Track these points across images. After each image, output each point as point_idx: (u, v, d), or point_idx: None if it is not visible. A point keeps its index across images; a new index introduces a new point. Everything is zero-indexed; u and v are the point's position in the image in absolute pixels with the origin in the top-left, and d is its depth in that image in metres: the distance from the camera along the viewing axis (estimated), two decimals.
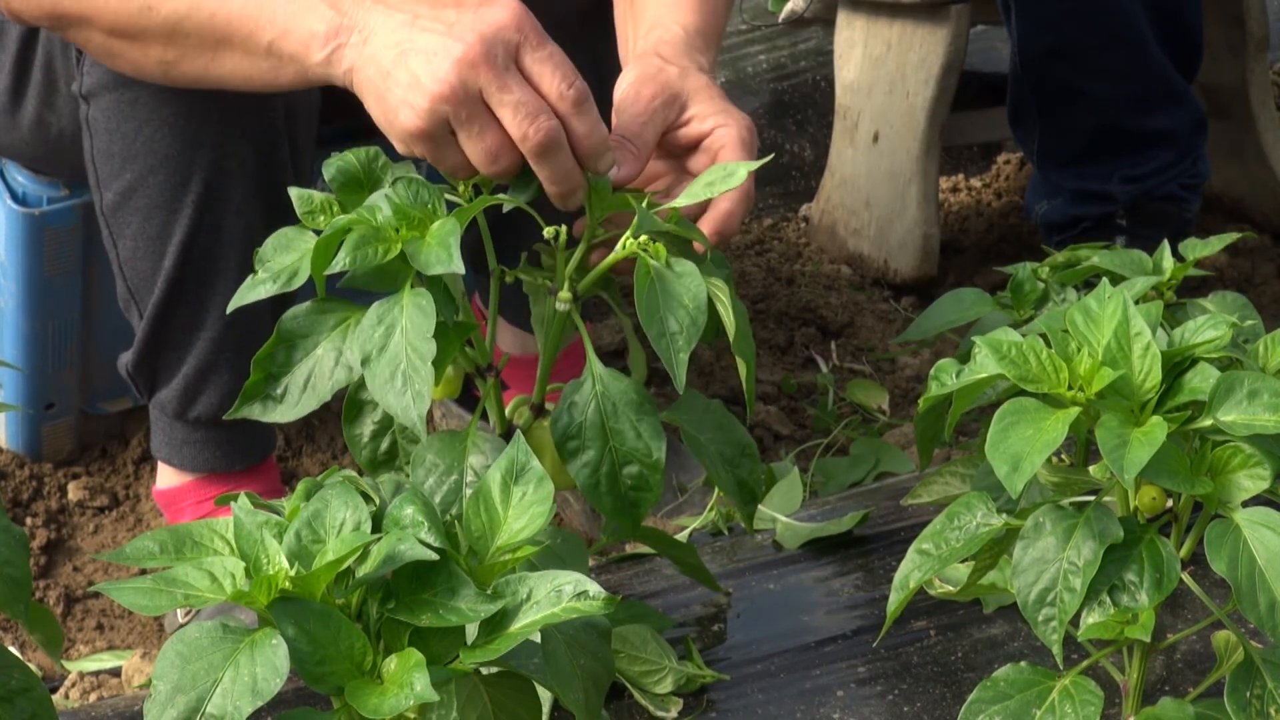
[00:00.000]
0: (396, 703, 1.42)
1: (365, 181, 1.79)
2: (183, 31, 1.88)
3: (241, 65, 1.87)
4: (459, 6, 1.75)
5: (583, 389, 1.78)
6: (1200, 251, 2.15)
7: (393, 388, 1.67)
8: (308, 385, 1.76)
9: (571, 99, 1.76)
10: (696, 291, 1.73)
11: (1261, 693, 1.66)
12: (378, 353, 1.68)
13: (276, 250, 1.77)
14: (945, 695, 2.01)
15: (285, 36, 1.81)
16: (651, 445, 1.78)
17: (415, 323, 1.68)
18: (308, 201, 1.79)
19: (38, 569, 2.54)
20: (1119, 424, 1.60)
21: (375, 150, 1.81)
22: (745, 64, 3.89)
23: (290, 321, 1.77)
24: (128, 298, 2.25)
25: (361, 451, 1.83)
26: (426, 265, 1.68)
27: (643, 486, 1.79)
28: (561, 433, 1.78)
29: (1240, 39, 3.22)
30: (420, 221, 1.72)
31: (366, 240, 1.70)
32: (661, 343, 1.72)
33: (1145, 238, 2.88)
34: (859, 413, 2.85)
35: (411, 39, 1.74)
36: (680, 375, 1.71)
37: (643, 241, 1.75)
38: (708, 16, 2.01)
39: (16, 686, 1.50)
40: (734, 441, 1.92)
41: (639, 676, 2.00)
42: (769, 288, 3.17)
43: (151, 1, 1.87)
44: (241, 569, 1.50)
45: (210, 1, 1.84)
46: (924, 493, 2.12)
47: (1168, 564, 1.62)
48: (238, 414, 1.77)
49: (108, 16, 1.91)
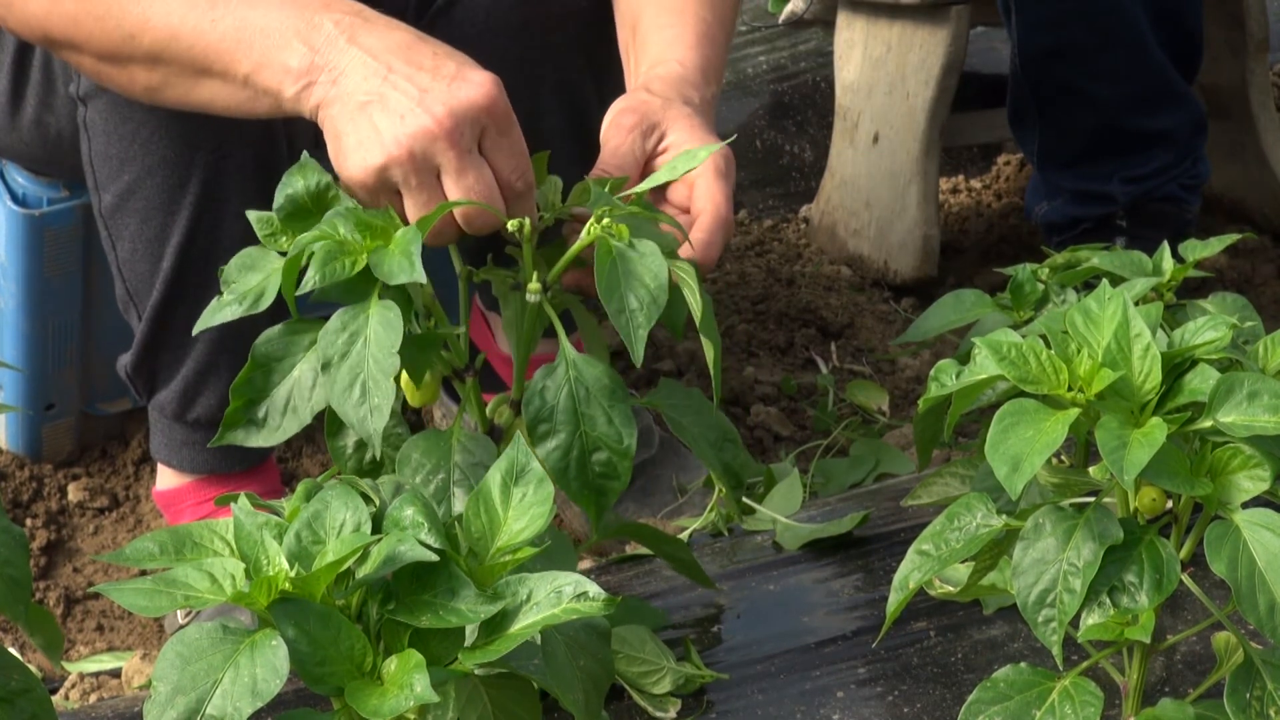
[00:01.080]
0: (396, 704, 1.42)
1: (314, 210, 1.78)
2: (165, 60, 1.89)
3: (221, 93, 1.87)
4: (436, 71, 1.76)
5: (555, 373, 1.78)
6: (1200, 252, 2.15)
7: (350, 398, 1.67)
8: (288, 408, 1.76)
9: (518, 190, 1.78)
10: (658, 270, 1.74)
11: (1261, 694, 1.66)
12: (339, 359, 1.68)
13: (241, 270, 1.77)
14: (945, 696, 2.01)
15: (261, 70, 1.82)
16: (623, 432, 1.78)
17: (380, 335, 1.67)
18: (268, 224, 1.79)
19: (38, 570, 2.54)
20: (1119, 425, 1.60)
21: (327, 181, 1.80)
22: (745, 65, 3.89)
23: (265, 345, 1.76)
24: (126, 299, 2.25)
25: (346, 463, 1.83)
26: (390, 275, 1.68)
27: (611, 474, 1.78)
28: (533, 416, 1.77)
29: (1240, 40, 3.22)
30: (383, 230, 1.72)
31: (333, 255, 1.69)
32: (621, 319, 1.72)
33: (1145, 239, 2.88)
34: (859, 414, 2.85)
35: (383, 94, 1.75)
36: (638, 350, 1.71)
37: (605, 224, 1.75)
38: (707, 52, 2.01)
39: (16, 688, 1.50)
40: (715, 426, 1.93)
41: (638, 677, 2.00)
42: (769, 289, 3.17)
43: (134, 30, 1.88)
44: (241, 570, 1.50)
45: (191, 33, 1.85)
46: (924, 494, 2.12)
47: (1167, 565, 1.62)
48: (221, 442, 1.77)
49: (94, 43, 1.93)
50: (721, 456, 1.92)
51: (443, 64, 1.77)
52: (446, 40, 2.28)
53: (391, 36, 1.79)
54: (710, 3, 2.03)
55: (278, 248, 1.78)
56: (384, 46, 1.77)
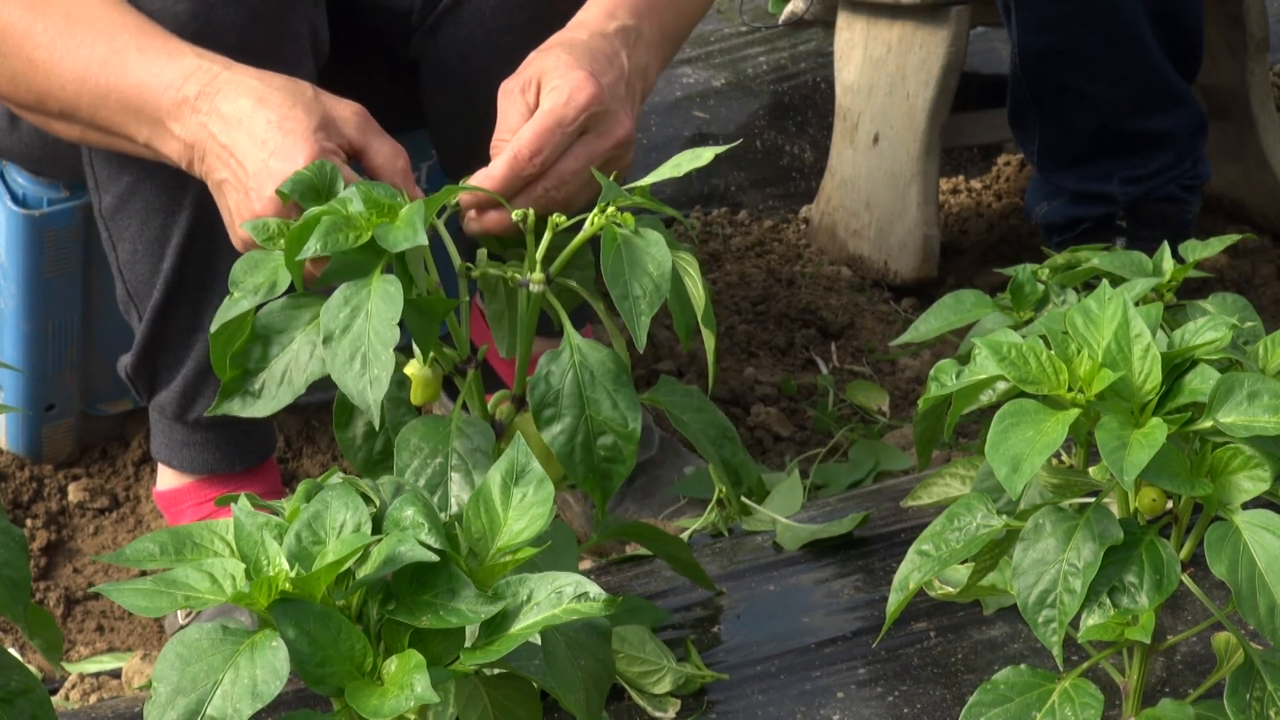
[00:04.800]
0: (397, 704, 1.42)
1: (323, 191, 1.80)
2: (77, 120, 1.99)
3: (137, 149, 1.98)
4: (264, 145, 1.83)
5: (561, 358, 1.79)
6: (1200, 253, 2.15)
7: (351, 370, 1.68)
8: (284, 379, 1.77)
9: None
10: (661, 259, 1.76)
11: (1261, 694, 1.66)
12: (340, 332, 1.69)
13: (247, 272, 1.79)
14: (945, 697, 2.01)
15: (154, 141, 1.93)
16: (628, 415, 1.79)
17: (380, 308, 1.69)
18: (264, 230, 1.80)
19: (38, 570, 2.54)
20: (1119, 425, 1.60)
21: (332, 166, 1.81)
22: (745, 65, 3.89)
23: (266, 317, 1.77)
24: (127, 300, 2.25)
25: (356, 454, 1.83)
26: (394, 243, 1.70)
27: (616, 458, 1.79)
28: (539, 400, 1.78)
29: (1240, 40, 3.22)
30: (390, 209, 1.74)
31: (338, 226, 1.72)
32: (624, 305, 1.74)
33: (1145, 239, 2.88)
34: (859, 414, 2.85)
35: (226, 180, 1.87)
36: (641, 336, 1.74)
37: (610, 214, 1.76)
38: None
39: (16, 688, 1.50)
40: (715, 423, 1.95)
41: (638, 677, 2.00)
42: (769, 289, 3.17)
43: (42, 93, 1.99)
44: (242, 570, 1.50)
45: (88, 104, 1.95)
46: (924, 494, 2.12)
47: (1168, 566, 1.62)
48: (217, 411, 1.78)
49: (16, 100, 2.04)
50: (721, 453, 1.93)
51: (271, 136, 1.83)
52: (450, 41, 2.30)
53: (239, 105, 1.86)
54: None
55: (278, 248, 1.78)
56: (234, 119, 1.86)
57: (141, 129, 1.93)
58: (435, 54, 2.34)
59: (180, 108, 1.89)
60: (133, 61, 1.92)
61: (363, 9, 2.33)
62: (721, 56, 3.90)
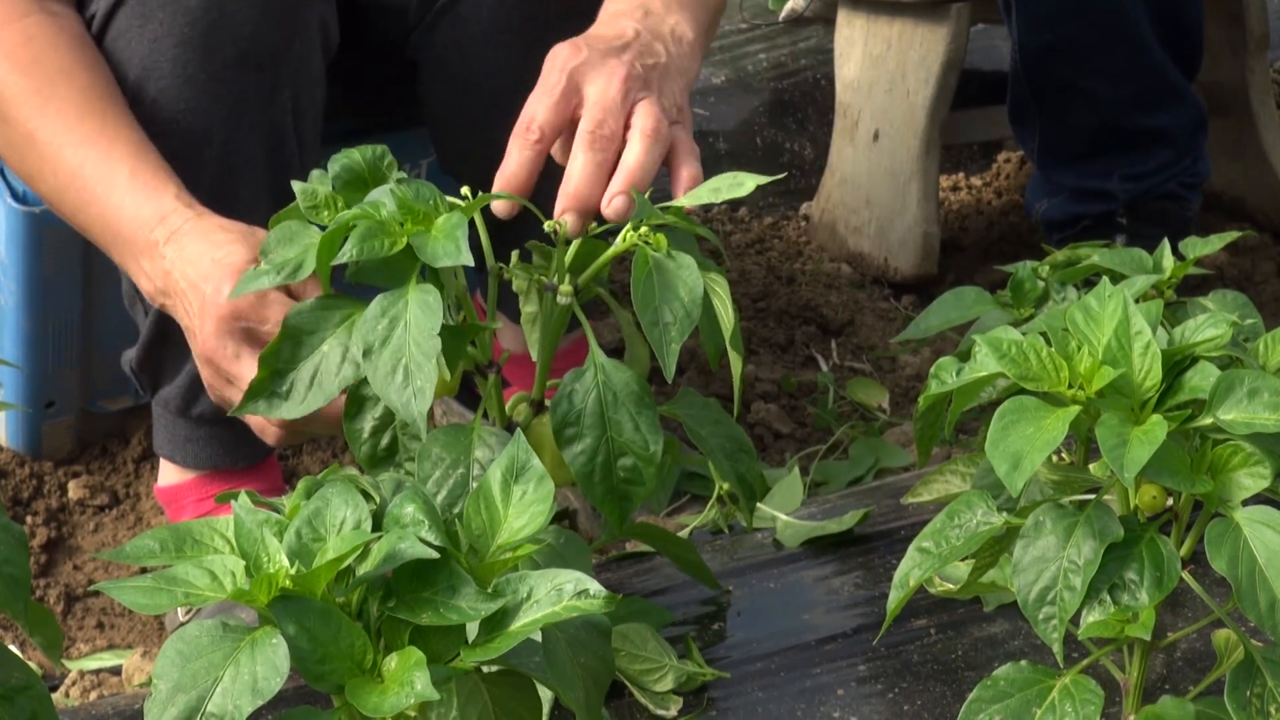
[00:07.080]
0: (397, 701, 1.42)
1: (370, 180, 1.79)
2: (60, 213, 2.06)
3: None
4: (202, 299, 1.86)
5: (584, 377, 1.78)
6: (1200, 250, 2.15)
7: (393, 382, 1.67)
8: (314, 382, 1.75)
9: None
10: (693, 285, 1.74)
11: (1262, 691, 1.66)
12: (380, 345, 1.68)
13: (280, 243, 1.77)
14: (945, 693, 2.01)
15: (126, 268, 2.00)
16: (649, 439, 1.78)
17: (419, 318, 1.68)
18: (311, 196, 1.79)
19: (38, 567, 2.54)
20: (1119, 422, 1.60)
21: (382, 149, 1.81)
22: (745, 62, 3.89)
23: (296, 317, 1.76)
24: (132, 295, 2.25)
25: (361, 447, 1.82)
26: (434, 258, 1.68)
27: (636, 480, 1.79)
28: (560, 419, 1.77)
29: (1240, 37, 3.22)
30: (425, 216, 1.73)
31: (372, 233, 1.70)
32: (654, 332, 1.73)
33: (1145, 236, 2.88)
34: (859, 411, 2.85)
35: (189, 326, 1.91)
36: (670, 365, 1.72)
37: (643, 233, 1.75)
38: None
39: (16, 685, 1.50)
40: (732, 437, 1.93)
41: (639, 675, 2.00)
42: (769, 286, 3.17)
43: (32, 176, 2.05)
44: (242, 567, 1.49)
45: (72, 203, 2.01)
46: (924, 491, 2.12)
47: (1168, 562, 1.62)
48: (243, 411, 1.77)
49: (13, 166, 2.09)
50: (736, 468, 1.92)
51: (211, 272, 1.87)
52: (448, 39, 2.30)
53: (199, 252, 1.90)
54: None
55: (319, 220, 1.77)
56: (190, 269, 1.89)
57: (113, 251, 2.00)
58: (433, 51, 2.34)
59: (151, 249, 1.93)
60: (121, 182, 1.97)
61: (363, 7, 2.33)
62: (722, 54, 3.90)
